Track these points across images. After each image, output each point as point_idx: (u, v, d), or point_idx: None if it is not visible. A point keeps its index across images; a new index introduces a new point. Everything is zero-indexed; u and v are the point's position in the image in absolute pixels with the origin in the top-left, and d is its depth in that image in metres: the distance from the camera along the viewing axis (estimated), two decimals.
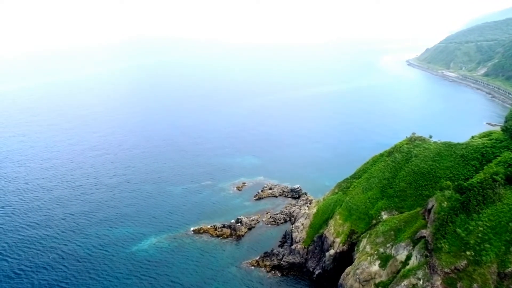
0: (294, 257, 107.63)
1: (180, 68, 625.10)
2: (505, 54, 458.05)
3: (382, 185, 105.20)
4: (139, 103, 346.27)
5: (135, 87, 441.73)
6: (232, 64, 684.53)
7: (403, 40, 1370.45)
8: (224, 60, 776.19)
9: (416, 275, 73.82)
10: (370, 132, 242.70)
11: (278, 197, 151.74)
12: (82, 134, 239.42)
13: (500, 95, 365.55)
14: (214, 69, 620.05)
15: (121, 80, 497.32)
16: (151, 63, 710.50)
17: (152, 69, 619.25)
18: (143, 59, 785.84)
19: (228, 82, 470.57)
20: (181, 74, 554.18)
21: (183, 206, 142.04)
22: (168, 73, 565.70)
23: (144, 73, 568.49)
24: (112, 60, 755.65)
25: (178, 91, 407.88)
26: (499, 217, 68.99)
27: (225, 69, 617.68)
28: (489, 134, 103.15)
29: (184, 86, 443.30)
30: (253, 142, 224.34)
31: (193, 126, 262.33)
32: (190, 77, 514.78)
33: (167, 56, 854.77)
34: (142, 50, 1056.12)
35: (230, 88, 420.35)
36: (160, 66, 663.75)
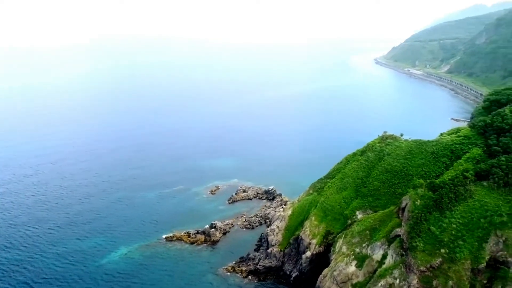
0: (271, 261, 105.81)
1: (154, 70, 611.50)
2: (466, 52, 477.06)
3: (356, 185, 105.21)
4: (109, 107, 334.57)
5: (108, 89, 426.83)
6: (210, 65, 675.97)
7: (371, 40, 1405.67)
8: (203, 60, 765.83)
9: (393, 275, 73.56)
10: (343, 131, 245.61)
11: (252, 199, 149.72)
12: (46, 140, 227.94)
13: (462, 91, 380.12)
14: (192, 69, 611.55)
15: (95, 83, 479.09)
16: (127, 64, 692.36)
17: (127, 70, 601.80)
18: (121, 59, 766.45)
19: (204, 83, 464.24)
20: (154, 75, 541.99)
21: (155, 213, 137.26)
22: (143, 75, 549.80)
23: (118, 75, 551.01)
24: (90, 61, 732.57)
25: (150, 93, 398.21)
26: (471, 213, 69.78)
27: (203, 70, 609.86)
28: (457, 131, 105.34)
29: (158, 87, 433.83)
30: (227, 144, 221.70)
31: (164, 129, 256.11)
32: (165, 79, 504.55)
33: (144, 56, 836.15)
34: (124, 49, 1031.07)
35: (205, 90, 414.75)
36: (137, 67, 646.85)
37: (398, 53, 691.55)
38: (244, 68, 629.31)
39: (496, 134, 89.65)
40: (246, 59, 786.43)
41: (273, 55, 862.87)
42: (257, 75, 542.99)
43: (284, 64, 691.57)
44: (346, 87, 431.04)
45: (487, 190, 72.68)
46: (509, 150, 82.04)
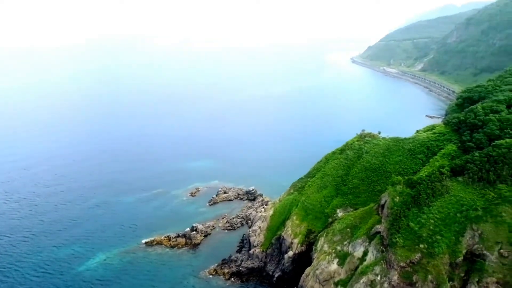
0: (253, 262, 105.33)
1: (140, 72, 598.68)
2: (439, 50, 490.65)
3: (336, 183, 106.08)
4: (86, 111, 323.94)
5: (87, 93, 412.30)
6: (190, 67, 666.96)
7: (347, 40, 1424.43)
8: (182, 63, 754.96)
9: (374, 271, 74.39)
10: (322, 129, 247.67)
11: (233, 200, 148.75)
12: (19, 146, 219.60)
13: (436, 89, 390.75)
14: (168, 71, 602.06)
15: (77, 85, 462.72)
16: (115, 65, 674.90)
17: (114, 72, 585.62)
18: (110, 60, 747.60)
19: (183, 85, 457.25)
20: (139, 78, 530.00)
21: (134, 218, 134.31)
22: (127, 77, 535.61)
23: (103, 77, 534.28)
24: (79, 62, 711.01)
25: (129, 96, 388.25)
26: (448, 208, 71.31)
27: (181, 72, 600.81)
28: (433, 128, 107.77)
29: (135, 90, 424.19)
30: (207, 145, 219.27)
31: (142, 132, 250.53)
32: (145, 81, 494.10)
33: (132, 58, 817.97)
34: (117, 50, 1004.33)
35: (184, 92, 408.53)
36: (124, 69, 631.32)
37: (373, 52, 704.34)
38: (225, 70, 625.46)
39: (469, 130, 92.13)
40: (229, 61, 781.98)
41: (254, 58, 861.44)
42: (238, 76, 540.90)
43: (263, 65, 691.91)
44: (323, 86, 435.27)
45: (462, 185, 74.47)
46: (482, 146, 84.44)
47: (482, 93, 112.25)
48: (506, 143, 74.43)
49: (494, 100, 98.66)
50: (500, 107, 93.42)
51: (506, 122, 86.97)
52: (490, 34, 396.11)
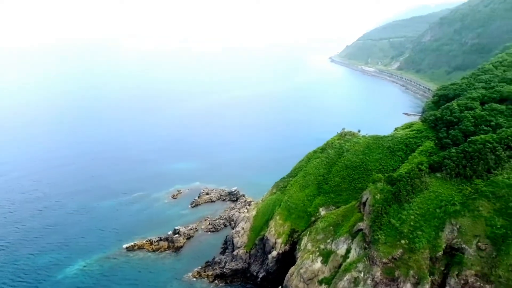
0: (237, 263, 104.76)
1: (110, 74, 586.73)
2: (414, 49, 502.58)
3: (318, 182, 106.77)
4: (63, 114, 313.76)
5: (63, 95, 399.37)
6: (168, 69, 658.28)
7: (326, 40, 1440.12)
8: (159, 65, 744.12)
9: (357, 268, 75.24)
10: (303, 129, 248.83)
11: (215, 201, 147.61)
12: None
13: (412, 87, 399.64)
14: (142, 73, 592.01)
15: (51, 88, 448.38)
16: (80, 69, 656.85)
17: (80, 76, 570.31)
18: (72, 64, 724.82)
19: (159, 88, 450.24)
20: (116, 79, 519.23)
21: (114, 222, 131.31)
22: (104, 79, 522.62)
23: (72, 80, 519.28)
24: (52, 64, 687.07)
25: (107, 98, 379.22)
26: (427, 204, 72.85)
27: (157, 74, 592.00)
28: (411, 125, 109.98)
29: (115, 92, 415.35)
30: (187, 147, 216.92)
31: (120, 135, 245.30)
32: (118, 83, 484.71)
33: (113, 60, 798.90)
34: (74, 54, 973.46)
35: (162, 94, 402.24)
36: (87, 73, 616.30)
37: (351, 51, 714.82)
38: (205, 71, 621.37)
39: (445, 127, 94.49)
40: (210, 63, 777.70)
41: (234, 61, 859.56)
42: (216, 78, 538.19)
43: (244, 67, 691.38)
44: (302, 86, 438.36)
45: (440, 181, 76.24)
46: (458, 142, 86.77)
47: (457, 91, 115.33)
48: (481, 139, 76.64)
49: (468, 97, 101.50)
50: (474, 104, 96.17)
51: (480, 118, 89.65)
52: (463, 33, 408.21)
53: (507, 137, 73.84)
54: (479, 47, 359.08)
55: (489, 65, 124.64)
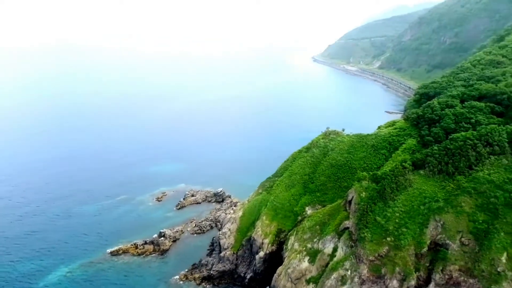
0: (224, 265, 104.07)
1: (95, 77, 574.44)
2: (394, 49, 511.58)
3: (304, 181, 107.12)
4: (38, 117, 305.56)
5: (38, 99, 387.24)
6: (146, 71, 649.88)
7: (308, 40, 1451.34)
8: (137, 67, 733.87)
9: (344, 266, 75.75)
10: (287, 128, 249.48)
11: (201, 203, 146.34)
12: None
13: (393, 85, 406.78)
14: (121, 75, 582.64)
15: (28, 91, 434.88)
16: (65, 71, 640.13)
17: (63, 79, 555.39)
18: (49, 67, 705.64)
19: (142, 90, 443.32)
20: (94, 82, 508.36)
21: (98, 227, 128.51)
22: (86, 80, 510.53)
23: (56, 82, 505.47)
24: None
25: (84, 102, 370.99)
26: (411, 201, 73.93)
27: (136, 75, 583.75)
28: (393, 123, 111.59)
29: (94, 96, 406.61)
30: (171, 149, 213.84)
31: (102, 138, 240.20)
32: (95, 84, 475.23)
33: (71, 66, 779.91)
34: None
35: (144, 97, 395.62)
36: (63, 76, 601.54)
37: (333, 51, 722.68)
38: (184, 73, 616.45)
39: (427, 125, 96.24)
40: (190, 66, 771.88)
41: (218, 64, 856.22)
42: (199, 78, 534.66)
43: (226, 68, 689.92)
44: (286, 86, 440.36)
45: (424, 178, 77.50)
46: (440, 140, 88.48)
47: (437, 89, 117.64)
48: (462, 136, 78.29)
49: (448, 95, 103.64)
50: (455, 102, 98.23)
51: (460, 116, 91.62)
52: (441, 32, 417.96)
53: (486, 134, 75.63)
54: (457, 46, 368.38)
55: (467, 64, 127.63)
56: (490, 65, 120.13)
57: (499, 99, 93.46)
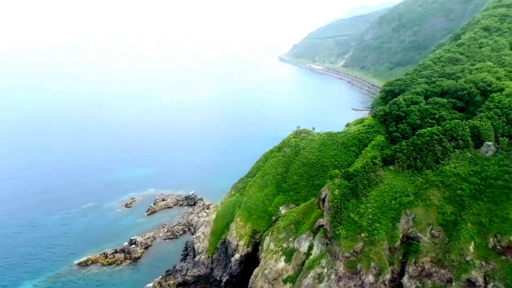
0: (199, 269, 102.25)
1: (63, 79, 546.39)
2: (357, 47, 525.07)
3: (277, 181, 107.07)
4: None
5: None
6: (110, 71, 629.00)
7: (274, 40, 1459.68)
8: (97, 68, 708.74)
9: (320, 264, 76.19)
10: (257, 128, 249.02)
11: (173, 207, 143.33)
12: None
13: (358, 83, 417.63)
14: (84, 76, 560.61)
15: None
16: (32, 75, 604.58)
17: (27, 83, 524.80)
18: None
19: (100, 90, 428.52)
20: (59, 85, 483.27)
21: (64, 237, 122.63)
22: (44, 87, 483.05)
23: (20, 86, 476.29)
24: None
25: (49, 108, 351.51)
26: (383, 197, 75.51)
27: (98, 76, 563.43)
28: (362, 121, 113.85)
29: (57, 100, 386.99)
30: (138, 153, 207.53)
31: (65, 144, 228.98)
32: (59, 91, 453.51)
33: None
34: None
35: (107, 100, 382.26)
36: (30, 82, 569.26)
37: (299, 50, 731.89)
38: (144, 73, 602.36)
39: (394, 121, 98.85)
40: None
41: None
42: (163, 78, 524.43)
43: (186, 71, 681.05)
44: (254, 86, 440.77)
45: (394, 174, 79.41)
46: (407, 135, 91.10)
47: (402, 86, 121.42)
48: (428, 131, 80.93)
49: (413, 92, 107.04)
50: (419, 98, 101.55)
51: (425, 112, 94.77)
52: (400, 31, 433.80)
53: (451, 129, 78.60)
54: (416, 44, 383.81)
55: (428, 61, 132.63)
56: (450, 62, 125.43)
57: (459, 95, 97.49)
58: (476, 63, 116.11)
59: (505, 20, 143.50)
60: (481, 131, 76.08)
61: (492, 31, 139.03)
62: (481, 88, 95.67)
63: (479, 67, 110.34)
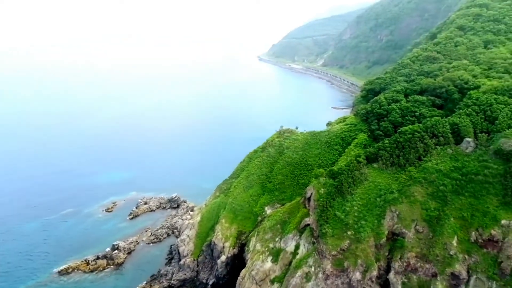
0: (185, 273, 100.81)
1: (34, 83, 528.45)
2: (336, 47, 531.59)
3: (262, 181, 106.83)
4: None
5: None
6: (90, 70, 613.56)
7: (252, 40, 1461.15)
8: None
9: (308, 263, 76.36)
10: (239, 129, 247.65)
11: (155, 210, 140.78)
12: None
13: (337, 82, 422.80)
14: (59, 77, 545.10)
15: None
16: None
17: None
18: None
19: (82, 90, 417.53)
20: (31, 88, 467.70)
21: (43, 244, 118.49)
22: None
23: None
24: None
25: (22, 113, 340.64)
26: (368, 194, 76.34)
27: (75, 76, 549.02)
28: (344, 119, 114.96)
29: (30, 104, 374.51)
30: (118, 155, 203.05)
31: (40, 148, 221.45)
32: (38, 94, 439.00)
33: None
34: None
35: (81, 100, 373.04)
36: None
37: (278, 50, 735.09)
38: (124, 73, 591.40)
39: (376, 119, 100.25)
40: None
41: None
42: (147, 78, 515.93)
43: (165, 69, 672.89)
44: (236, 86, 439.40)
45: (378, 171, 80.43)
46: (389, 133, 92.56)
47: (382, 85, 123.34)
48: (410, 129, 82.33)
49: (393, 90, 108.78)
50: (399, 96, 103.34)
51: (406, 110, 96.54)
52: (377, 30, 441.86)
53: (432, 126, 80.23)
54: (393, 43, 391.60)
55: (407, 60, 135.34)
56: (427, 61, 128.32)
57: (438, 92, 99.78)
58: (452, 62, 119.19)
59: (478, 19, 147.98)
60: (460, 127, 78.01)
61: (467, 30, 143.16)
62: (459, 85, 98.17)
63: (456, 65, 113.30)
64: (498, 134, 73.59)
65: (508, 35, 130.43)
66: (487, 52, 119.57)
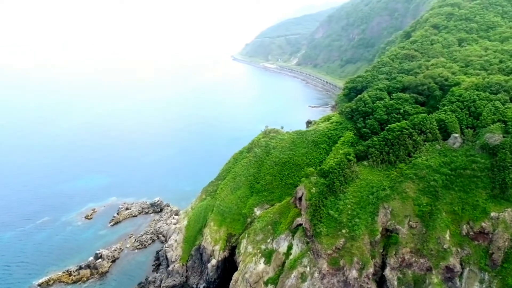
0: (174, 279, 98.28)
1: None
2: (309, 46, 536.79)
3: (249, 182, 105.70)
4: None
5: None
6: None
7: (225, 40, 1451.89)
8: None
9: (303, 263, 76.13)
10: (220, 130, 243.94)
11: (138, 216, 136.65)
12: None
13: (312, 81, 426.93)
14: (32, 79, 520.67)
15: None
16: None
17: None
18: None
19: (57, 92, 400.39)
20: None
21: (20, 255, 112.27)
22: None
23: None
24: None
25: None
26: (360, 192, 76.93)
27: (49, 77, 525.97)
28: (329, 118, 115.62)
29: None
30: (95, 160, 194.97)
31: (12, 152, 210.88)
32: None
33: None
34: None
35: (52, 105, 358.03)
36: None
37: (251, 49, 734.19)
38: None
39: (362, 117, 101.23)
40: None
41: None
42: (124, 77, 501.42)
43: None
44: (212, 86, 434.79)
45: (368, 169, 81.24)
46: (375, 131, 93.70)
47: (364, 83, 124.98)
48: (398, 126, 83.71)
49: (376, 88, 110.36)
50: (383, 94, 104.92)
51: (390, 107, 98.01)
52: (349, 29, 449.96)
53: (419, 123, 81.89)
54: (364, 41, 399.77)
55: (386, 58, 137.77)
56: (406, 59, 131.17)
57: (420, 89, 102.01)
58: (430, 59, 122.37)
59: (451, 18, 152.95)
60: (447, 124, 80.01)
61: (441, 29, 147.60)
62: (439, 82, 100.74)
63: (434, 62, 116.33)
64: (483, 129, 76.04)
65: (480, 33, 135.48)
66: (462, 50, 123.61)
